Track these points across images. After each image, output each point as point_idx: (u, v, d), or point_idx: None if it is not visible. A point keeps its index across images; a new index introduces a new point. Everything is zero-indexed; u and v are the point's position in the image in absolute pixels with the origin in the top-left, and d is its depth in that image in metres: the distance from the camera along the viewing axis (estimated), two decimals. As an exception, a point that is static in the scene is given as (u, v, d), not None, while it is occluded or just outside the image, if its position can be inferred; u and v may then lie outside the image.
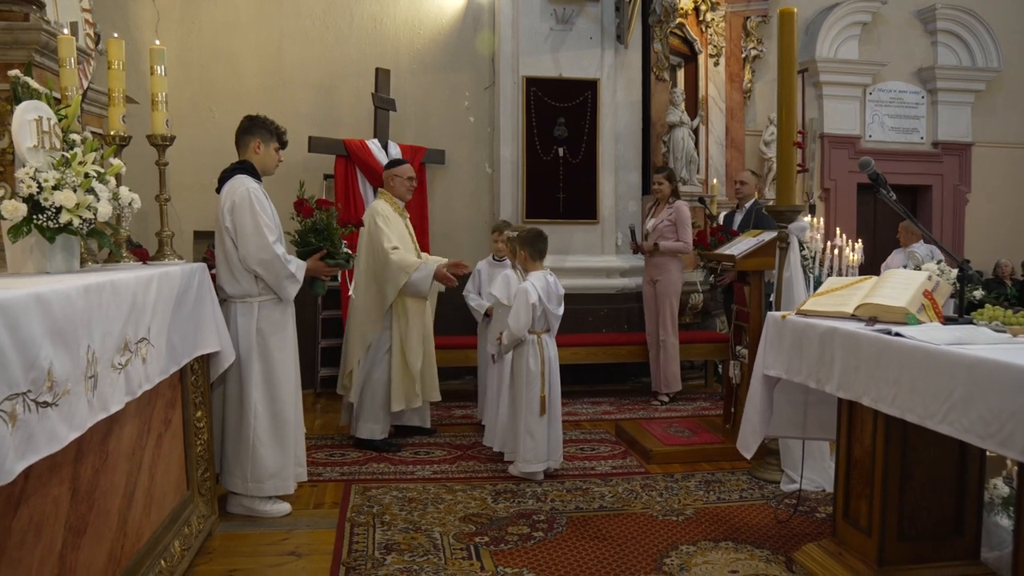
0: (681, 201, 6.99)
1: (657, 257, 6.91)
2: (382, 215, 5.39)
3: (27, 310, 2.00)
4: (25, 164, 2.94)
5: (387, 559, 3.62)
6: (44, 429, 2.06)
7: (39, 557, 2.24)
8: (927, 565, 3.30)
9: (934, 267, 3.76)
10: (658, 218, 6.95)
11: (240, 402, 4.18)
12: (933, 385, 2.69)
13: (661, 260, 6.91)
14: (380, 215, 5.38)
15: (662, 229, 6.88)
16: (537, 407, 4.80)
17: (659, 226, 6.90)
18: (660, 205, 7.02)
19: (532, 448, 4.79)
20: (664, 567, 3.58)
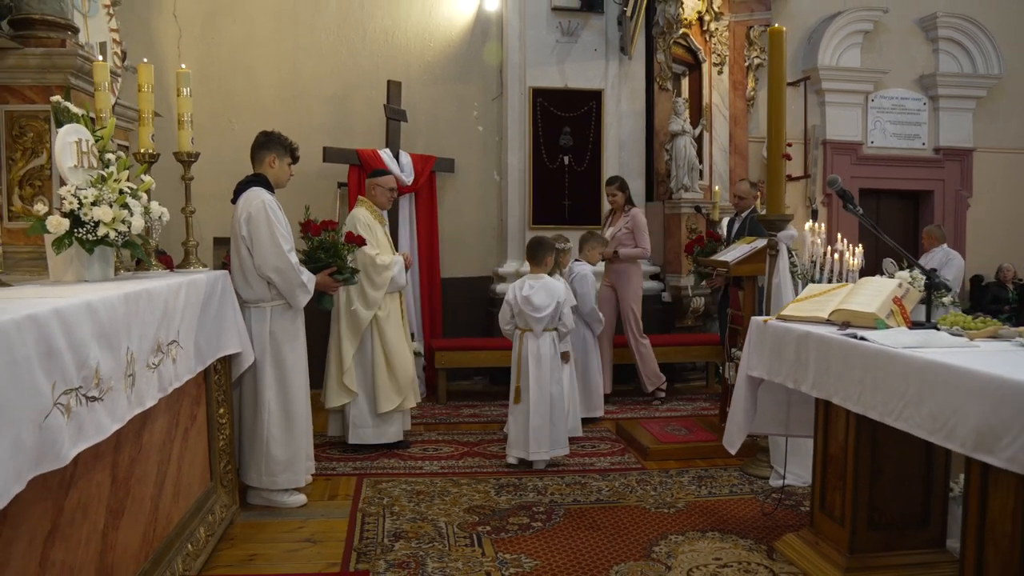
0: (637, 208, 7.18)
1: (617, 264, 7.07)
2: (363, 222, 5.56)
3: (79, 316, 2.30)
4: (67, 182, 3.24)
5: (395, 545, 3.91)
6: (92, 420, 2.36)
7: (86, 534, 2.53)
8: (895, 552, 3.55)
9: (906, 275, 4.00)
10: (616, 226, 7.13)
11: (255, 401, 4.48)
12: (891, 384, 2.95)
13: (621, 267, 7.08)
14: (360, 222, 5.55)
15: (620, 237, 7.03)
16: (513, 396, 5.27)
17: (617, 234, 7.06)
18: (616, 214, 7.23)
19: (511, 434, 5.30)
20: (652, 555, 3.85)
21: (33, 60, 4.01)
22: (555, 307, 5.30)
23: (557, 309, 5.32)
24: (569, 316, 5.48)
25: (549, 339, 5.33)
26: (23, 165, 4.08)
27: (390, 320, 5.57)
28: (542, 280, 5.36)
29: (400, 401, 5.58)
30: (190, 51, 7.30)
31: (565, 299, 5.41)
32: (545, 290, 5.32)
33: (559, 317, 5.36)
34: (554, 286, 5.38)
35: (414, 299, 7.62)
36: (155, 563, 3.18)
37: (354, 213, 5.69)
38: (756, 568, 3.71)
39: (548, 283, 5.36)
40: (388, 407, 5.53)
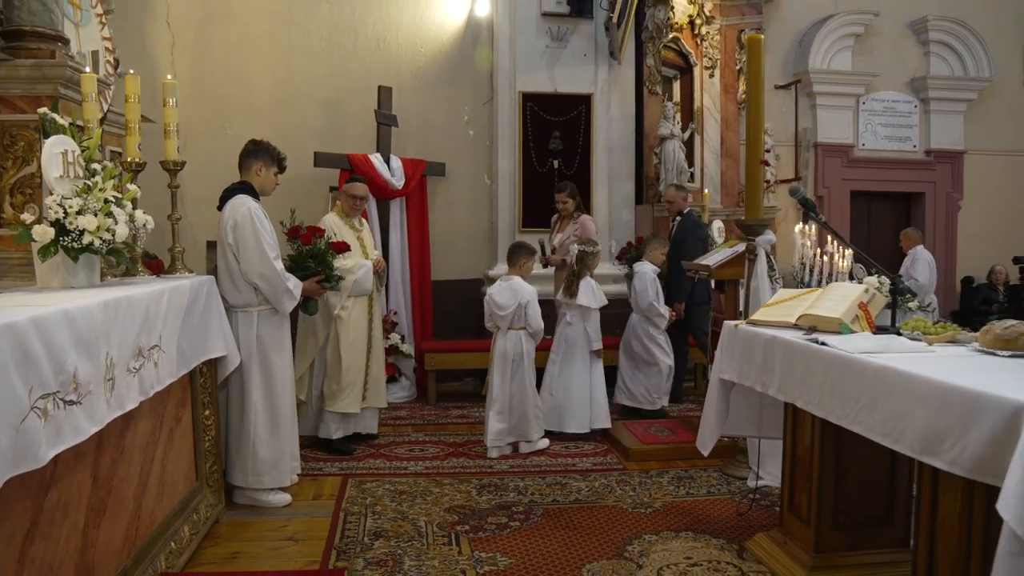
0: (587, 216, 7.12)
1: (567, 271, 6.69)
2: (330, 227, 5.61)
3: (57, 324, 2.40)
4: (53, 192, 3.34)
5: (375, 544, 4.02)
6: (70, 423, 2.46)
7: (66, 532, 2.64)
8: (859, 552, 3.65)
9: (874, 281, 4.09)
10: (564, 233, 7.05)
11: (241, 403, 4.59)
12: (847, 389, 3.05)
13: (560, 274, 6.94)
14: (328, 227, 5.59)
15: (568, 244, 6.86)
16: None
17: (565, 241, 6.96)
18: (565, 220, 7.18)
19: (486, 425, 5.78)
20: (625, 554, 3.95)
21: (23, 71, 4.11)
22: (516, 306, 5.68)
23: (519, 309, 5.69)
24: (534, 316, 5.75)
25: (515, 337, 5.71)
26: (14, 173, 4.18)
27: (349, 321, 5.63)
28: (510, 281, 5.77)
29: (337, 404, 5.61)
30: (184, 57, 7.42)
31: (529, 300, 5.73)
32: (510, 290, 5.73)
33: (524, 317, 5.71)
34: (519, 287, 5.74)
35: (405, 301, 7.74)
36: (137, 560, 3.28)
37: (325, 219, 5.75)
38: (725, 567, 3.81)
39: (515, 284, 5.75)
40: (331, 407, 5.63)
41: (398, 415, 6.88)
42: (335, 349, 5.59)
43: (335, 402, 5.60)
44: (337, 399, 5.59)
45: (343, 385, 5.59)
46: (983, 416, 2.32)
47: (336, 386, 5.58)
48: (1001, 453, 2.24)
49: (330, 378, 5.60)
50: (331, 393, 5.60)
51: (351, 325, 5.64)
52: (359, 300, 5.71)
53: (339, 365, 5.58)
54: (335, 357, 5.59)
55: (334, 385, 5.59)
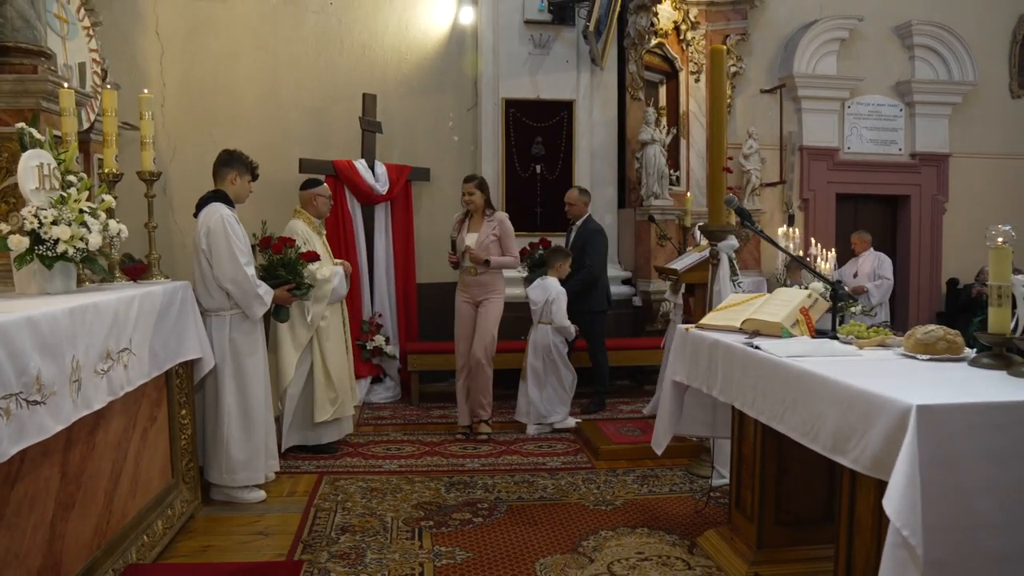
0: (502, 213, 6.46)
1: (484, 276, 6.27)
2: (301, 235, 5.66)
3: (19, 329, 2.58)
4: (28, 203, 3.53)
5: (340, 538, 4.20)
6: (34, 422, 2.64)
7: (32, 524, 2.82)
8: (800, 547, 3.81)
9: (819, 287, 4.25)
10: (481, 232, 6.27)
11: (216, 404, 4.77)
12: (775, 391, 3.21)
13: (488, 279, 6.29)
14: (299, 235, 5.63)
15: (488, 244, 6.24)
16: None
17: (485, 241, 6.24)
18: (476, 217, 6.37)
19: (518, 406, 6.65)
20: (579, 548, 4.12)
21: (6, 85, 4.30)
22: (544, 303, 6.43)
23: (547, 305, 6.42)
24: (557, 312, 6.42)
25: (544, 331, 6.48)
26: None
27: (330, 330, 5.76)
28: (545, 280, 6.56)
29: (334, 410, 5.75)
30: (173, 67, 7.62)
31: (554, 298, 6.41)
32: (542, 288, 6.51)
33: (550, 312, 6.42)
34: (550, 285, 6.48)
35: (390, 304, 7.93)
36: (108, 552, 3.46)
37: (291, 225, 5.78)
38: (674, 562, 3.97)
39: (548, 282, 6.52)
40: (323, 416, 5.69)
41: (381, 415, 7.06)
42: (321, 360, 5.70)
43: (332, 409, 5.72)
44: (334, 406, 5.73)
45: (337, 392, 5.73)
46: (880, 417, 2.49)
47: (332, 394, 5.71)
48: (894, 452, 2.40)
49: (322, 388, 5.69)
50: (327, 401, 5.71)
51: (331, 332, 5.79)
52: (334, 307, 5.87)
53: (328, 374, 5.70)
54: (322, 367, 5.69)
55: (331, 393, 5.71)
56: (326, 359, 5.74)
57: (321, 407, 5.71)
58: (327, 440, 5.84)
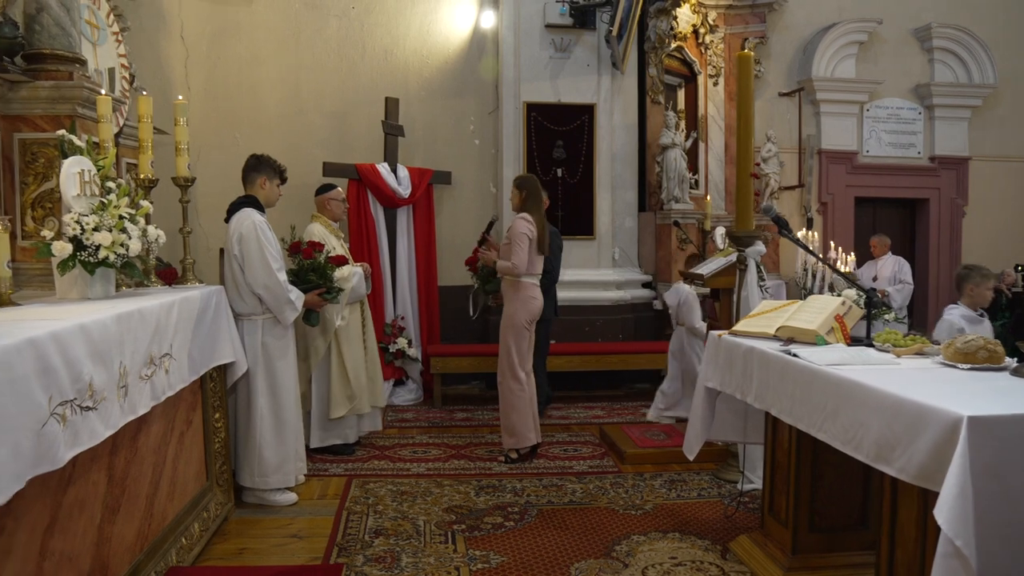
0: (521, 215, 5.81)
1: (504, 282, 5.92)
2: (319, 238, 5.71)
3: (73, 337, 2.62)
4: (71, 210, 3.57)
5: (375, 542, 4.23)
6: (86, 428, 2.68)
7: (83, 527, 2.86)
8: (834, 553, 3.82)
9: (852, 294, 4.25)
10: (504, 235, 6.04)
11: (248, 407, 4.81)
12: (814, 399, 3.23)
13: (506, 286, 5.88)
14: (317, 238, 5.70)
15: (503, 249, 5.87)
16: None
17: (502, 245, 5.94)
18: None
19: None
20: (613, 553, 4.14)
21: (43, 92, 4.36)
22: (676, 305, 6.78)
23: (677, 308, 6.78)
24: (685, 315, 6.72)
25: (679, 332, 6.83)
26: (35, 188, 4.43)
27: (348, 328, 5.81)
28: (678, 284, 6.84)
29: (351, 407, 5.80)
30: (197, 71, 7.66)
31: (681, 301, 6.74)
32: (675, 292, 6.82)
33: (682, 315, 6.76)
34: (680, 289, 6.77)
35: (412, 307, 7.96)
36: (150, 554, 3.50)
37: (309, 229, 5.85)
38: (708, 567, 3.99)
39: (679, 286, 6.78)
40: (339, 413, 5.77)
41: (404, 418, 7.09)
42: (339, 357, 5.76)
43: (349, 407, 5.78)
44: (350, 404, 5.78)
45: (354, 390, 5.78)
46: (928, 427, 2.50)
47: (349, 391, 5.76)
48: (942, 462, 2.41)
49: (338, 386, 5.75)
50: (343, 399, 5.76)
51: (350, 331, 5.84)
52: (353, 306, 5.92)
53: (345, 372, 5.75)
54: (339, 365, 5.75)
55: (347, 390, 5.76)
56: (344, 357, 5.79)
57: (337, 404, 5.77)
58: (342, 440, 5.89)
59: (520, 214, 5.82)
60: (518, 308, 5.75)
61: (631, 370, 8.19)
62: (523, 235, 5.68)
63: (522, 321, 5.75)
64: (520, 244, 5.66)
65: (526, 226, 5.71)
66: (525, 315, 5.75)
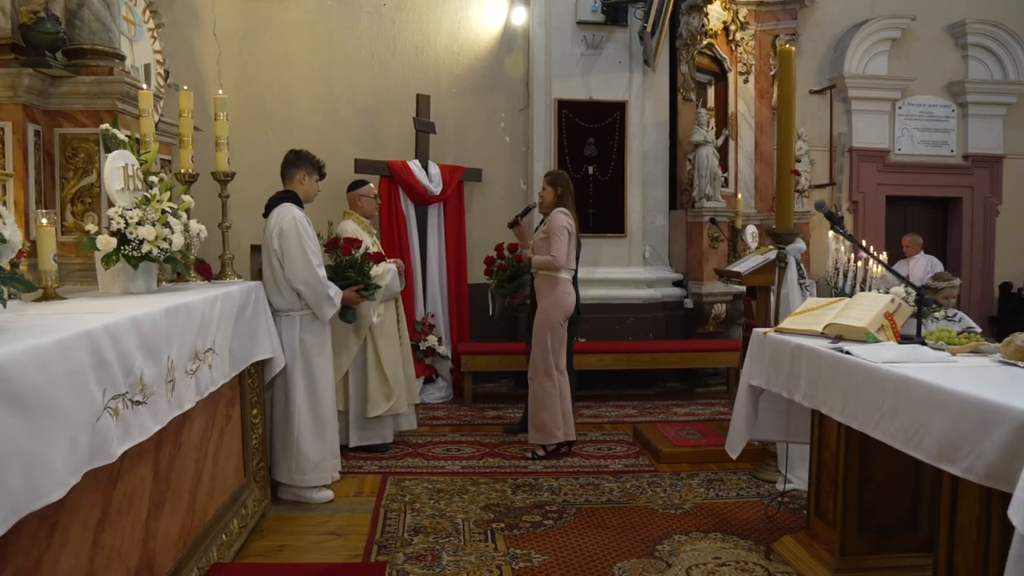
0: (559, 209, 5.73)
1: (538, 279, 5.81)
2: (352, 234, 5.67)
3: (126, 330, 2.60)
4: (115, 203, 3.56)
5: (414, 539, 4.20)
6: (137, 422, 2.66)
7: (131, 522, 2.84)
8: (883, 555, 3.75)
9: (900, 291, 4.17)
10: (539, 230, 5.96)
11: (286, 403, 4.78)
12: (869, 397, 3.16)
13: (540, 282, 5.79)
14: (350, 235, 5.66)
15: (538, 243, 5.78)
16: None
17: (537, 239, 5.84)
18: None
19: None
20: (655, 553, 4.08)
21: (84, 87, 4.36)
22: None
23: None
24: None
25: None
26: (75, 184, 4.44)
27: (384, 326, 5.78)
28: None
29: (389, 406, 5.76)
30: (229, 67, 7.67)
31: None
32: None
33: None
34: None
35: (442, 304, 7.93)
36: (192, 550, 3.48)
37: (342, 226, 5.83)
38: (752, 567, 3.93)
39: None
40: (376, 412, 5.73)
41: (435, 415, 7.06)
42: (375, 355, 5.73)
43: (386, 406, 5.74)
44: (388, 402, 5.74)
45: (392, 388, 5.75)
46: (997, 425, 2.43)
47: (386, 389, 5.73)
48: (1013, 461, 2.34)
49: (376, 385, 5.72)
50: (381, 398, 5.73)
51: (385, 328, 5.80)
52: (388, 303, 5.89)
53: (381, 370, 5.72)
54: (376, 363, 5.72)
55: (385, 388, 5.73)
56: (380, 355, 5.76)
57: (374, 402, 5.73)
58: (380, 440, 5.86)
59: (558, 208, 5.75)
60: (553, 304, 5.69)
61: (661, 369, 8.12)
62: (563, 228, 5.63)
63: (558, 317, 5.71)
64: (560, 237, 5.61)
65: (566, 220, 5.68)
66: (560, 311, 5.71)
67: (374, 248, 5.76)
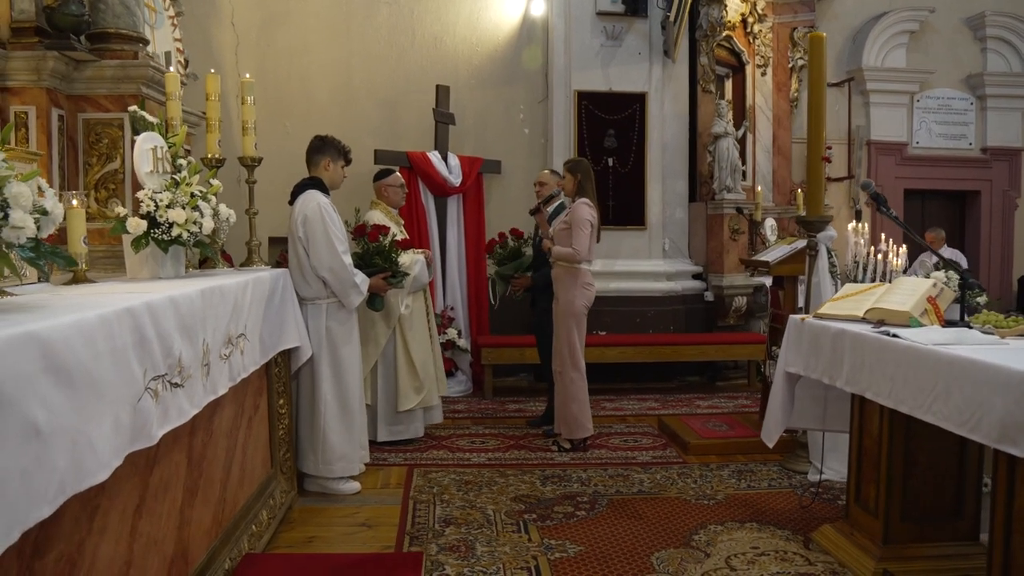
0: (583, 200, 5.62)
1: (557, 269, 5.70)
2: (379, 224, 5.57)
3: (165, 309, 2.52)
4: (144, 186, 3.49)
5: (446, 530, 4.12)
6: (175, 405, 2.59)
7: (167, 510, 2.76)
8: (928, 544, 3.67)
9: (941, 276, 4.09)
10: (558, 220, 5.87)
11: (312, 393, 4.70)
12: (921, 379, 3.08)
13: (558, 272, 5.68)
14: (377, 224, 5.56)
15: (560, 234, 5.68)
16: None
17: (558, 229, 5.73)
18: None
19: None
20: (692, 543, 4.01)
21: (109, 71, 4.30)
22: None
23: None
24: None
25: None
26: (98, 169, 4.38)
27: (413, 318, 5.71)
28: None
29: (419, 400, 5.69)
30: (247, 57, 7.59)
31: None
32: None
33: None
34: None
35: (461, 296, 7.86)
36: (224, 541, 3.41)
37: (369, 215, 5.73)
38: (792, 557, 3.85)
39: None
40: (407, 405, 5.67)
41: (456, 408, 6.98)
42: (404, 348, 5.65)
43: (417, 399, 5.67)
44: (419, 396, 5.67)
45: (422, 381, 5.68)
46: (1066, 404, 2.35)
47: (417, 383, 5.66)
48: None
49: (406, 378, 5.64)
50: (411, 391, 5.65)
51: (415, 321, 5.73)
52: (416, 295, 5.82)
53: (411, 363, 5.65)
54: (406, 356, 5.65)
55: (415, 382, 5.66)
56: (410, 347, 5.68)
57: (405, 396, 5.66)
58: (412, 435, 5.79)
59: (581, 199, 5.66)
60: (577, 295, 5.60)
61: (682, 362, 8.04)
62: (587, 221, 5.53)
63: (581, 307, 5.64)
64: (584, 230, 5.50)
65: (589, 212, 5.59)
66: (584, 301, 5.64)
67: (401, 236, 5.67)
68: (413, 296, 5.74)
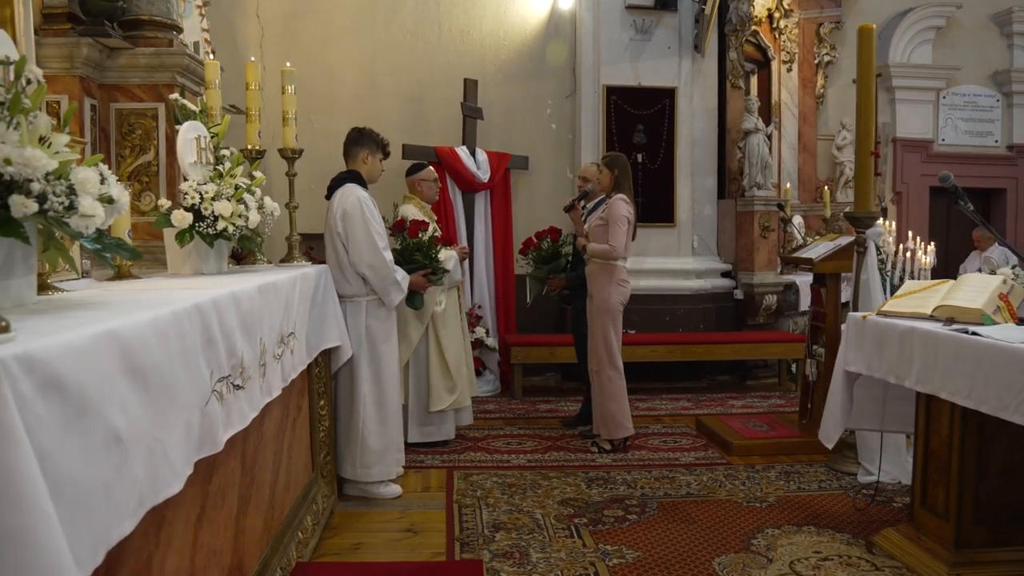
0: (619, 195, 5.53)
1: (591, 267, 5.62)
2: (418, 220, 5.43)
3: (229, 306, 2.39)
4: (188, 178, 3.35)
5: (496, 536, 3.98)
6: (237, 408, 2.45)
7: (224, 518, 2.62)
8: (1003, 548, 3.52)
9: (1009, 271, 3.95)
10: (594, 216, 5.77)
11: (351, 394, 4.54)
12: (1006, 379, 2.93)
13: (592, 269, 5.60)
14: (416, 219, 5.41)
15: (595, 230, 5.60)
16: None
17: (593, 226, 5.66)
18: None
19: None
20: (752, 547, 3.87)
21: (143, 59, 4.17)
22: None
23: None
24: None
25: None
26: (132, 162, 4.25)
27: (447, 316, 5.57)
28: None
29: (452, 400, 5.55)
30: (272, 50, 7.44)
31: None
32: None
33: None
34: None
35: (489, 294, 7.71)
36: (274, 549, 3.27)
37: (402, 210, 5.58)
38: (857, 561, 3.71)
39: None
40: (440, 406, 5.53)
41: (486, 409, 6.83)
42: (437, 347, 5.51)
43: (450, 400, 5.53)
44: (451, 396, 5.53)
45: (455, 381, 5.54)
46: None
47: (450, 383, 5.52)
48: None
49: (439, 378, 5.50)
50: (444, 392, 5.52)
51: (448, 319, 5.59)
52: (450, 292, 5.68)
53: (444, 362, 5.51)
54: (439, 355, 5.50)
55: (448, 382, 5.52)
56: (443, 347, 5.54)
57: (437, 396, 5.52)
58: (443, 437, 5.65)
59: (618, 195, 5.53)
60: (612, 292, 5.50)
61: (712, 361, 7.89)
62: (624, 218, 5.43)
63: (617, 304, 5.53)
64: (620, 227, 5.41)
65: (627, 208, 5.48)
66: (620, 297, 5.54)
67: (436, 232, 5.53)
68: (446, 293, 5.60)
